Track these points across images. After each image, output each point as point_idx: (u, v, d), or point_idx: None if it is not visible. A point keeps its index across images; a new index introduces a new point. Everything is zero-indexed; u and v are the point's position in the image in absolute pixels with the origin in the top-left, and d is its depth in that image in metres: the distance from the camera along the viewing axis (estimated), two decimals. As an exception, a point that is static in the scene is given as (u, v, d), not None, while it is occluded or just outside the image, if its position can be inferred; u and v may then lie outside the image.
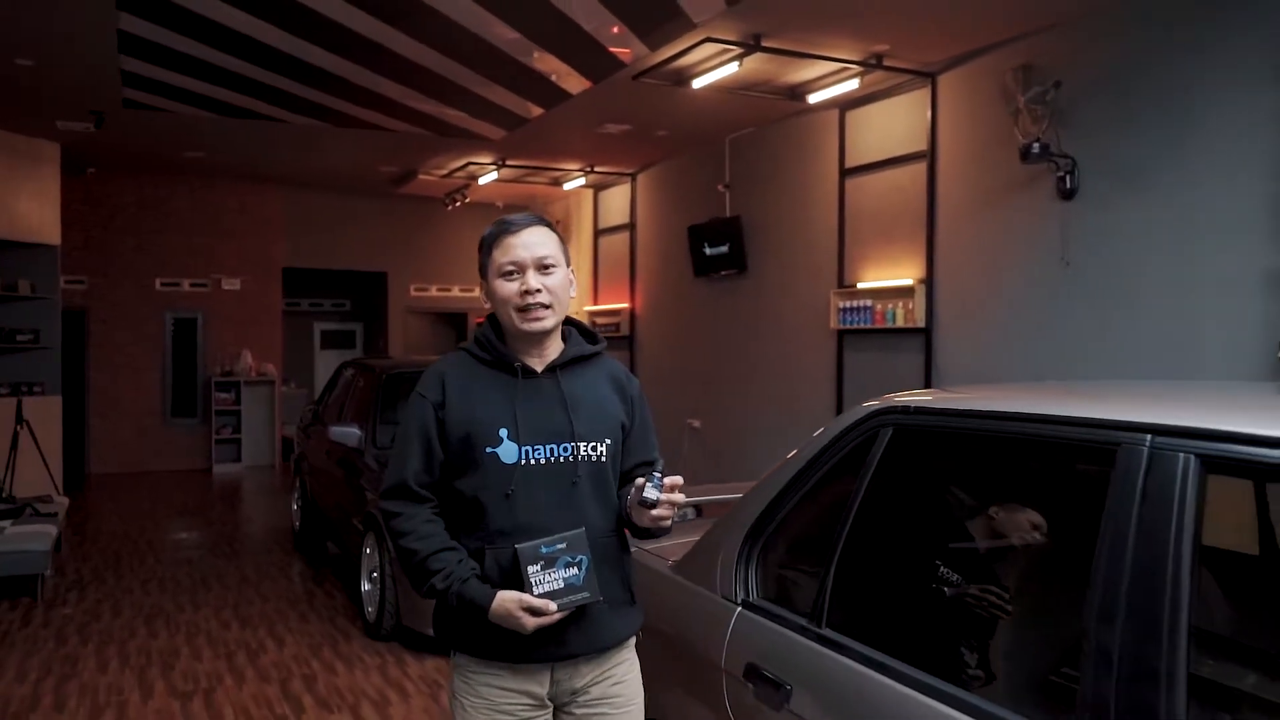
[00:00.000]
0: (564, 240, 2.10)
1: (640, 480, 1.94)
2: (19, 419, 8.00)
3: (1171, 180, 5.60)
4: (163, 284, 12.03)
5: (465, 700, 2.00)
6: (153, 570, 6.76)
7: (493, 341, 2.05)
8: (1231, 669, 1.90)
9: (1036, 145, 6.09)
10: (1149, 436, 1.47)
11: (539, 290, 1.98)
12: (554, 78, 7.53)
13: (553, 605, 1.86)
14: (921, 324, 7.26)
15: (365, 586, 5.34)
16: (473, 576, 1.92)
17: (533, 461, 1.96)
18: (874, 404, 2.04)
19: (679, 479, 1.91)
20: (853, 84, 7.34)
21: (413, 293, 13.69)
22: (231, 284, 12.35)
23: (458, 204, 12.53)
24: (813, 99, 7.70)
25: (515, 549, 1.89)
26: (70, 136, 9.27)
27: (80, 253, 11.24)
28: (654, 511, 1.89)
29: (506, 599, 1.87)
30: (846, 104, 7.95)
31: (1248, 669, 1.90)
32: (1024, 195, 6.50)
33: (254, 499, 10.28)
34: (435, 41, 6.64)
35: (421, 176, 11.60)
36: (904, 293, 7.38)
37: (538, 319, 1.99)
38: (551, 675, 1.98)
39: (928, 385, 7.02)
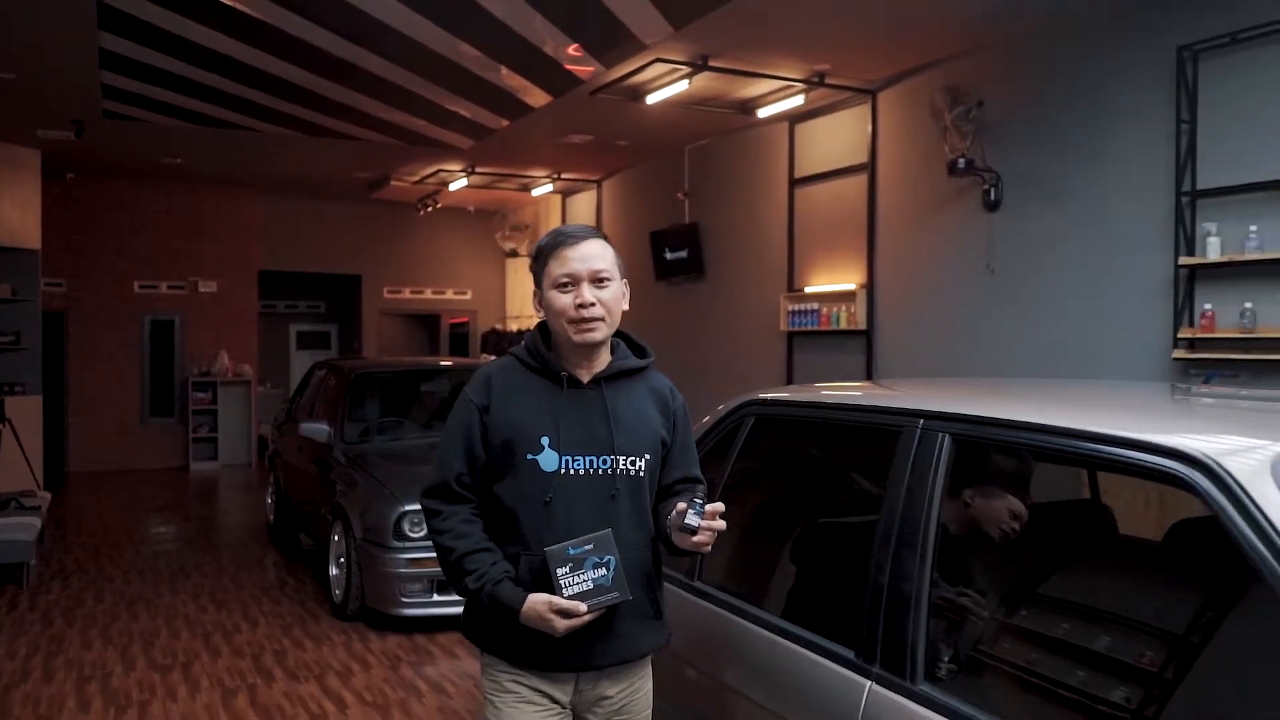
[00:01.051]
0: (619, 253, 2.13)
1: (682, 505, 1.91)
2: (1, 417, 8.31)
3: (1083, 193, 6.07)
4: (141, 286, 12.33)
5: (496, 698, 2.02)
6: (132, 561, 7.11)
7: (540, 350, 2.07)
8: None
9: (962, 160, 6.56)
10: (921, 420, 1.90)
11: (593, 304, 1.99)
12: (517, 92, 7.93)
13: (582, 606, 1.87)
14: (863, 326, 7.71)
15: (333, 571, 5.73)
16: (506, 578, 1.94)
17: (572, 471, 1.98)
18: (741, 398, 2.46)
19: (720, 505, 1.90)
20: (798, 100, 7.79)
21: (386, 295, 14.04)
22: (208, 286, 12.66)
23: (430, 209, 12.91)
24: (762, 113, 8.14)
25: (544, 551, 1.90)
26: (51, 144, 9.58)
27: (60, 256, 11.52)
28: (695, 538, 1.88)
29: (537, 601, 1.88)
30: (795, 117, 8.39)
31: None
32: (954, 206, 6.96)
33: (230, 495, 10.61)
34: (402, 59, 7.02)
35: (394, 182, 11.97)
36: (847, 297, 7.83)
37: (591, 331, 2.00)
38: (576, 684, 2.01)
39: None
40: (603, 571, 1.88)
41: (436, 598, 5.11)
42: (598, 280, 2.02)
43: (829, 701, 1.85)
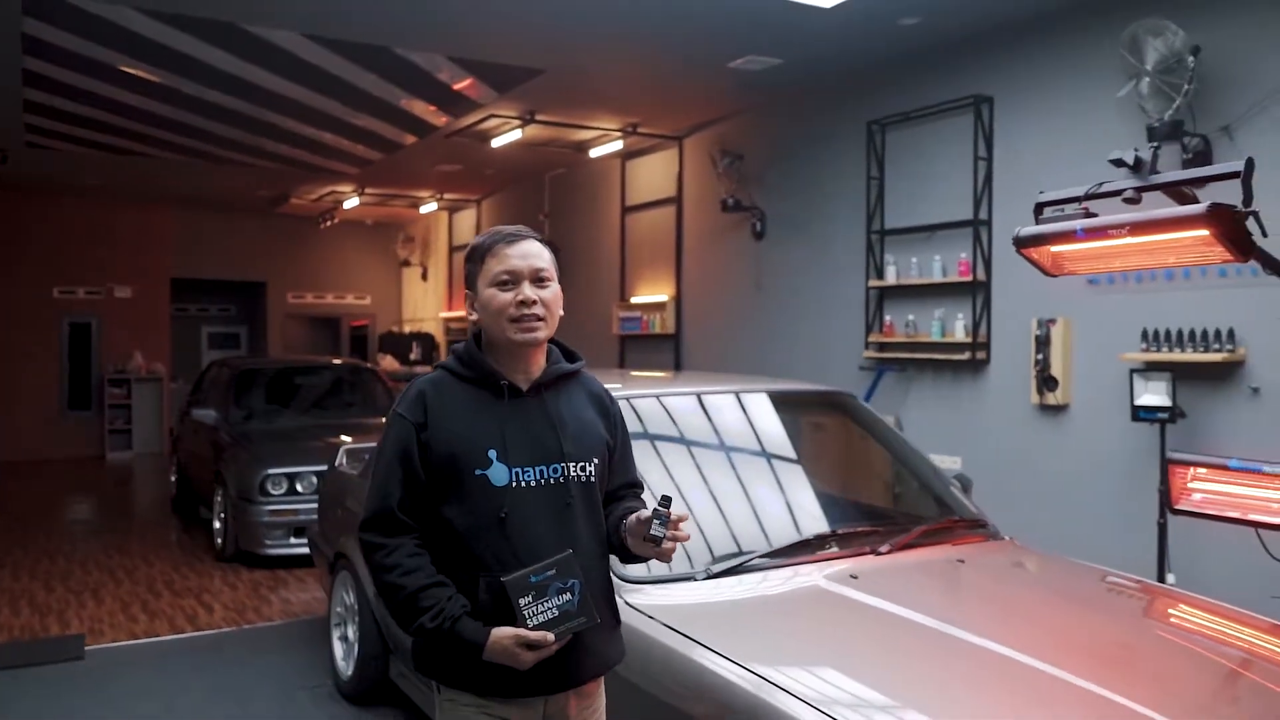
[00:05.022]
0: (555, 257, 2.10)
1: (645, 514, 1.88)
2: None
3: (817, 229, 7.79)
4: (60, 292, 13.52)
5: None
6: (53, 526, 8.46)
7: (477, 358, 1.99)
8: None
9: (731, 200, 8.27)
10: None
11: (535, 301, 1.94)
12: (387, 134, 9.44)
13: (550, 636, 1.79)
14: (672, 331, 9.38)
15: (216, 524, 7.21)
16: (464, 614, 1.84)
17: (524, 484, 1.89)
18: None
19: (685, 514, 1.89)
20: (619, 144, 9.43)
21: (290, 300, 15.40)
22: (123, 292, 13.90)
23: (330, 222, 14.29)
24: (593, 154, 9.78)
25: (503, 582, 1.79)
26: (-22, 167, 10.80)
27: (-17, 264, 12.68)
28: (661, 547, 1.86)
29: (503, 636, 1.79)
30: (627, 155, 10.03)
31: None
32: (733, 235, 8.66)
33: (142, 478, 11.92)
34: (284, 109, 8.48)
35: (294, 200, 13.36)
36: (661, 306, 9.50)
37: (532, 330, 1.94)
38: (544, 708, 1.92)
39: (675, 378, 9.08)
40: (568, 597, 1.80)
41: (293, 541, 6.62)
42: (538, 279, 1.98)
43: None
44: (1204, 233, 2.36)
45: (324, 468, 5.69)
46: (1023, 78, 6.25)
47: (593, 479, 1.97)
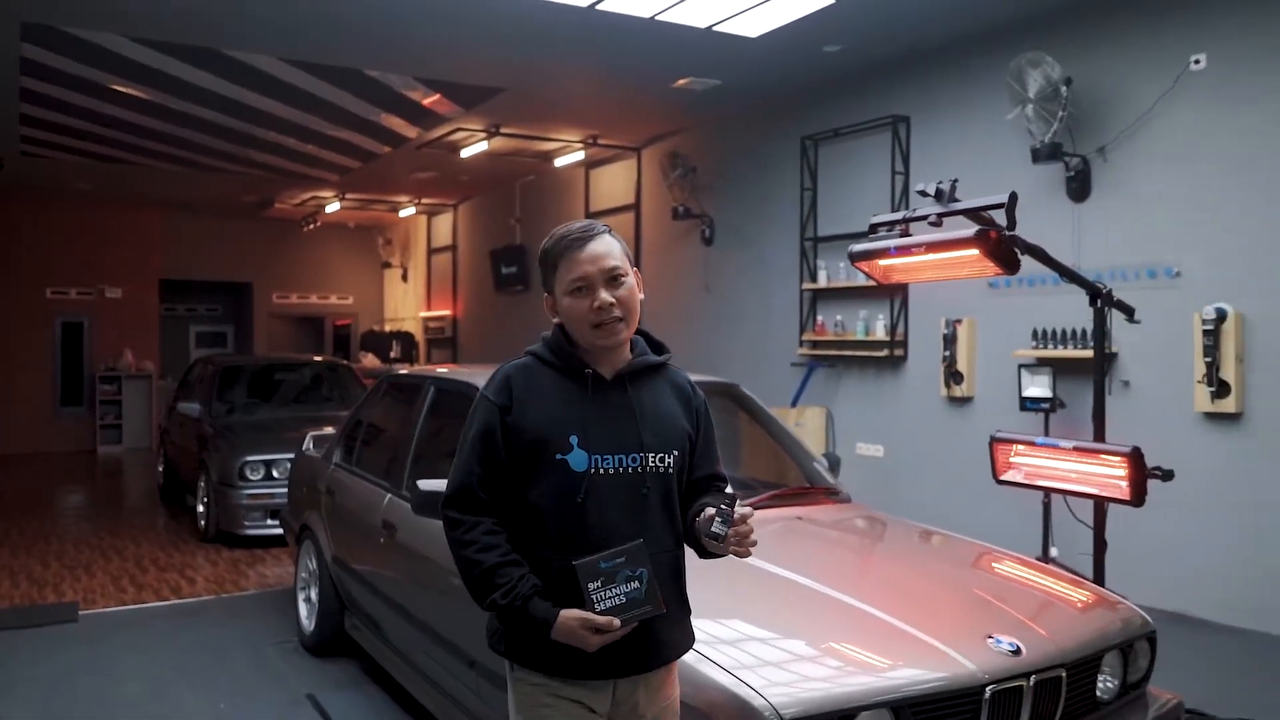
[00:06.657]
0: (626, 243, 2.11)
1: (710, 511, 1.91)
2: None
3: (760, 236, 8.41)
4: (53, 293, 14.06)
5: (532, 713, 2.00)
6: (47, 512, 9.02)
7: (564, 347, 2.04)
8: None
9: (682, 208, 8.88)
10: (431, 381, 4.10)
11: (612, 304, 1.97)
12: (362, 145, 10.02)
13: (616, 622, 1.85)
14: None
15: (199, 508, 7.80)
16: (535, 594, 1.91)
17: (602, 471, 1.95)
18: (392, 373, 4.66)
19: (750, 510, 1.91)
20: (580, 154, 10.02)
21: (275, 300, 15.97)
22: (114, 293, 14.44)
23: (313, 225, 14.85)
24: (558, 163, 10.38)
25: (573, 565, 1.85)
26: (-25, 174, 11.35)
27: (-21, 265, 13.21)
28: (726, 545, 1.89)
29: (570, 618, 1.86)
30: (590, 164, 10.63)
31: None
32: (684, 241, 9.27)
33: (131, 471, 12.47)
34: (266, 123, 9.06)
35: (278, 204, 13.93)
36: (621, 307, 10.08)
37: (614, 334, 1.98)
38: (613, 694, 1.97)
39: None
40: (635, 585, 1.86)
41: (269, 522, 7.20)
42: (612, 279, 2.00)
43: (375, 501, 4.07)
44: (974, 251, 2.96)
45: (298, 455, 6.27)
46: (934, 100, 6.88)
47: (670, 471, 2.02)
